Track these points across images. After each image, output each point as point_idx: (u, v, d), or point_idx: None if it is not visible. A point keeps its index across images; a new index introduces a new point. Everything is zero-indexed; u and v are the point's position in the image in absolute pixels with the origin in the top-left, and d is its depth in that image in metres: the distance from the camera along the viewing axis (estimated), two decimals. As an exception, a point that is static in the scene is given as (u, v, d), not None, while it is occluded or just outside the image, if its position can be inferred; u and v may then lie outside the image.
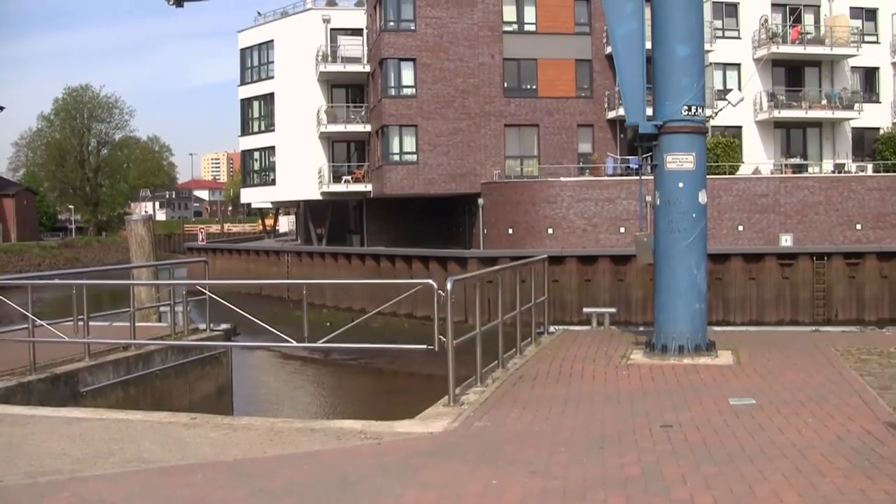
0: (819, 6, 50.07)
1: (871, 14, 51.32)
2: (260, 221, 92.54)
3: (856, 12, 50.46)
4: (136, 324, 16.06)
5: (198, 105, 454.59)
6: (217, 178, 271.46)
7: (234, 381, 18.69)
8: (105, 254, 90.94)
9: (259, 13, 58.99)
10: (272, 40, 56.75)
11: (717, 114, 34.99)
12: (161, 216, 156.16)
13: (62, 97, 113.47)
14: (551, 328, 16.93)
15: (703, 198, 13.51)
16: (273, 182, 57.14)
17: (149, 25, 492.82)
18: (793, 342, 15.07)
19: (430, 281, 10.38)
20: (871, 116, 49.59)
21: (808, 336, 16.26)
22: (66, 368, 13.63)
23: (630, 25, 13.72)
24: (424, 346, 10.58)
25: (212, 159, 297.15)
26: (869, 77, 51.56)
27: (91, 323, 14.61)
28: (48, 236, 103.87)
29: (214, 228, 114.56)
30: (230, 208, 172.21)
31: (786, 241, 40.43)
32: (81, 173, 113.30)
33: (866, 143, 50.58)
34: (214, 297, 15.75)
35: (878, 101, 50.88)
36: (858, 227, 41.17)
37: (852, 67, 50.52)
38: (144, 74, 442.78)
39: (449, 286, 10.12)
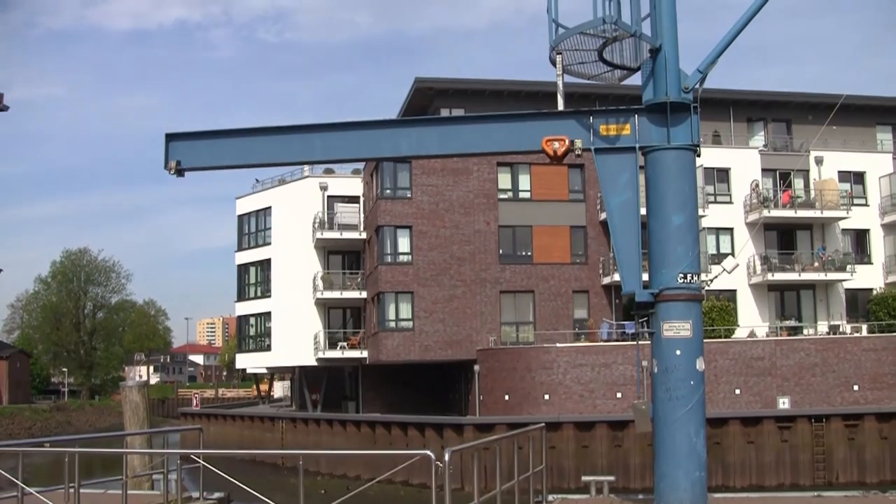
0: (808, 170, 51.08)
1: (858, 177, 52.32)
2: (255, 387, 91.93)
3: (844, 176, 51.45)
4: (129, 491, 15.79)
5: (195, 269, 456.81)
6: (212, 342, 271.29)
7: (226, 552, 18.25)
8: (98, 418, 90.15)
9: (257, 180, 59.74)
10: (269, 207, 57.42)
11: (712, 281, 35.31)
12: (155, 380, 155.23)
13: (60, 260, 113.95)
14: (549, 497, 16.65)
15: (700, 365, 13.47)
16: (268, 348, 57.02)
17: (149, 191, 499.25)
18: (796, 510, 14.86)
19: (429, 452, 10.33)
20: (863, 277, 49.94)
21: (810, 502, 16.03)
22: (56, 539, 13.35)
23: (625, 195, 13.88)
24: (422, 518, 10.44)
25: (207, 324, 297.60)
26: (860, 239, 52.20)
27: (82, 490, 14.37)
28: (40, 399, 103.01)
29: (209, 393, 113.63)
30: (225, 373, 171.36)
31: (783, 403, 40.26)
32: (76, 336, 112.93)
33: (860, 304, 50.83)
34: (208, 466, 15.57)
35: (869, 262, 51.39)
36: (856, 388, 41.06)
37: (843, 229, 51.18)
38: (143, 238, 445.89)
39: (447, 457, 10.04)
